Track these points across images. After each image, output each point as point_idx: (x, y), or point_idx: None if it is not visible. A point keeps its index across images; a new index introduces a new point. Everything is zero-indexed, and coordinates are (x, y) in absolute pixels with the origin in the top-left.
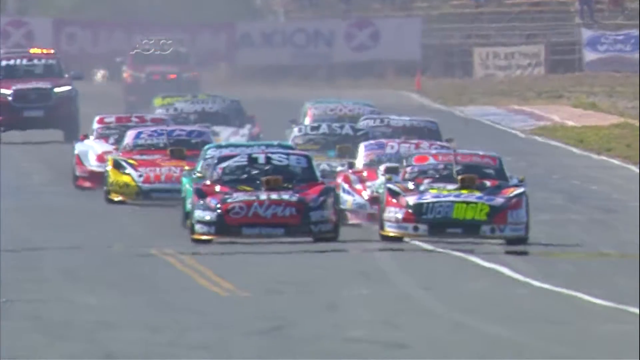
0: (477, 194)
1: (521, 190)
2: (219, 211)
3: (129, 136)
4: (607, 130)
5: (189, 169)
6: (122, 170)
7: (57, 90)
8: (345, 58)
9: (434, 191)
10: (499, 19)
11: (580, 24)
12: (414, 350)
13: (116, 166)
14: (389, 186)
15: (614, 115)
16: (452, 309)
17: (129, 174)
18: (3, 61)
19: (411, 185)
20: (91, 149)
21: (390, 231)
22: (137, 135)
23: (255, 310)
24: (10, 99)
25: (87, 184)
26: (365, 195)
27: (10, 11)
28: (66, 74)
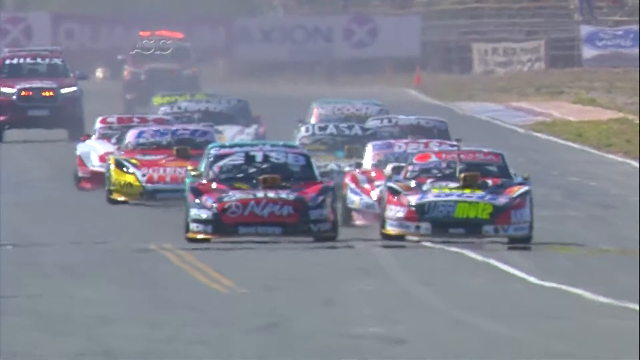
0: (479, 192)
1: (525, 189)
2: (215, 210)
3: (130, 135)
4: (606, 126)
5: (192, 168)
6: (124, 170)
7: (64, 90)
8: (344, 54)
9: (436, 190)
10: (498, 15)
11: (580, 21)
12: (413, 346)
13: (118, 166)
14: (390, 185)
15: (613, 111)
16: (451, 305)
17: (133, 173)
18: (7, 60)
19: (412, 183)
20: (93, 150)
21: (392, 230)
22: (139, 134)
23: (253, 306)
24: (15, 97)
25: (88, 185)
26: (374, 196)
27: (9, 8)
28: (71, 73)
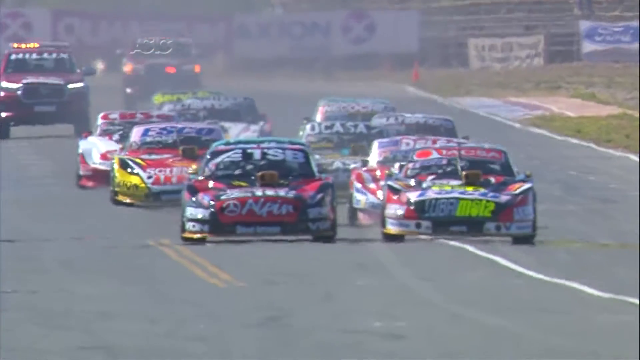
0: (481, 190)
1: (528, 186)
2: (213, 208)
3: (135, 134)
4: (606, 121)
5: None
6: (129, 171)
7: (71, 86)
8: (342, 50)
9: (437, 188)
10: (497, 10)
11: (579, 16)
12: (412, 341)
13: (123, 166)
14: (389, 183)
15: (612, 106)
16: (450, 299)
17: (138, 174)
18: (13, 55)
19: (413, 181)
20: (95, 147)
21: (393, 229)
22: (144, 132)
23: (252, 301)
24: (20, 93)
25: (90, 183)
26: (380, 195)
27: (9, 3)
28: (78, 68)
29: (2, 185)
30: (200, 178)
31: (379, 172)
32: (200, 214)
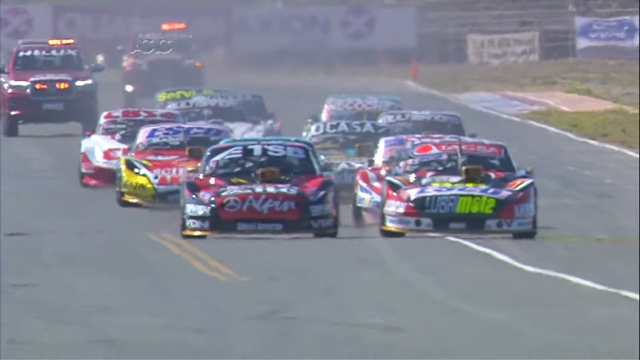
0: (482, 186)
1: (529, 182)
2: (213, 205)
3: (142, 135)
4: (602, 116)
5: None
6: (136, 171)
7: (79, 83)
8: (341, 45)
9: (437, 184)
10: (493, 7)
11: (574, 12)
12: (411, 334)
13: (129, 167)
14: (389, 179)
15: (608, 102)
16: (449, 294)
17: (145, 175)
18: (21, 52)
19: (412, 177)
20: (97, 145)
21: (392, 226)
22: (151, 133)
23: (253, 295)
24: (29, 91)
25: (92, 182)
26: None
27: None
28: (86, 65)
29: (4, 179)
30: (201, 176)
31: (383, 172)
32: (200, 210)
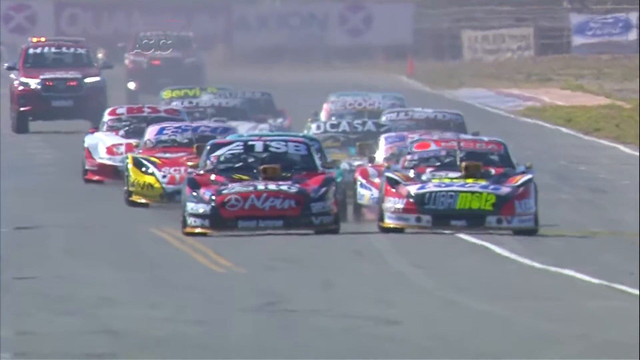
0: (482, 182)
1: (528, 177)
2: (214, 204)
3: (150, 132)
4: (596, 111)
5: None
6: (144, 170)
7: (88, 80)
8: (339, 41)
9: (436, 180)
10: (488, 2)
11: (569, 9)
12: (407, 326)
13: (137, 165)
14: (388, 174)
15: (601, 97)
16: (444, 286)
17: (152, 173)
18: (31, 49)
19: (412, 173)
20: (101, 142)
21: (391, 223)
22: (159, 131)
23: (251, 286)
24: (39, 88)
25: (95, 177)
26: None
27: None
28: (95, 63)
29: (9, 174)
30: (202, 172)
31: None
32: (201, 208)
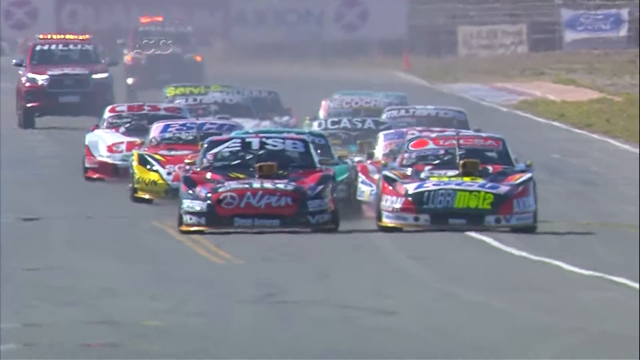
0: (480, 181)
1: (528, 176)
2: (210, 201)
3: (155, 130)
4: (587, 106)
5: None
6: (148, 167)
7: (95, 76)
8: (335, 37)
9: (434, 178)
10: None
11: (560, 4)
12: (403, 317)
13: (141, 162)
14: (385, 173)
15: (594, 91)
16: (440, 278)
17: (157, 170)
18: (38, 46)
19: (409, 171)
20: (101, 139)
21: (389, 222)
22: (164, 128)
23: (250, 278)
24: (46, 84)
25: (96, 175)
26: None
27: None
28: (102, 59)
29: (13, 167)
30: (198, 169)
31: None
32: (197, 206)
